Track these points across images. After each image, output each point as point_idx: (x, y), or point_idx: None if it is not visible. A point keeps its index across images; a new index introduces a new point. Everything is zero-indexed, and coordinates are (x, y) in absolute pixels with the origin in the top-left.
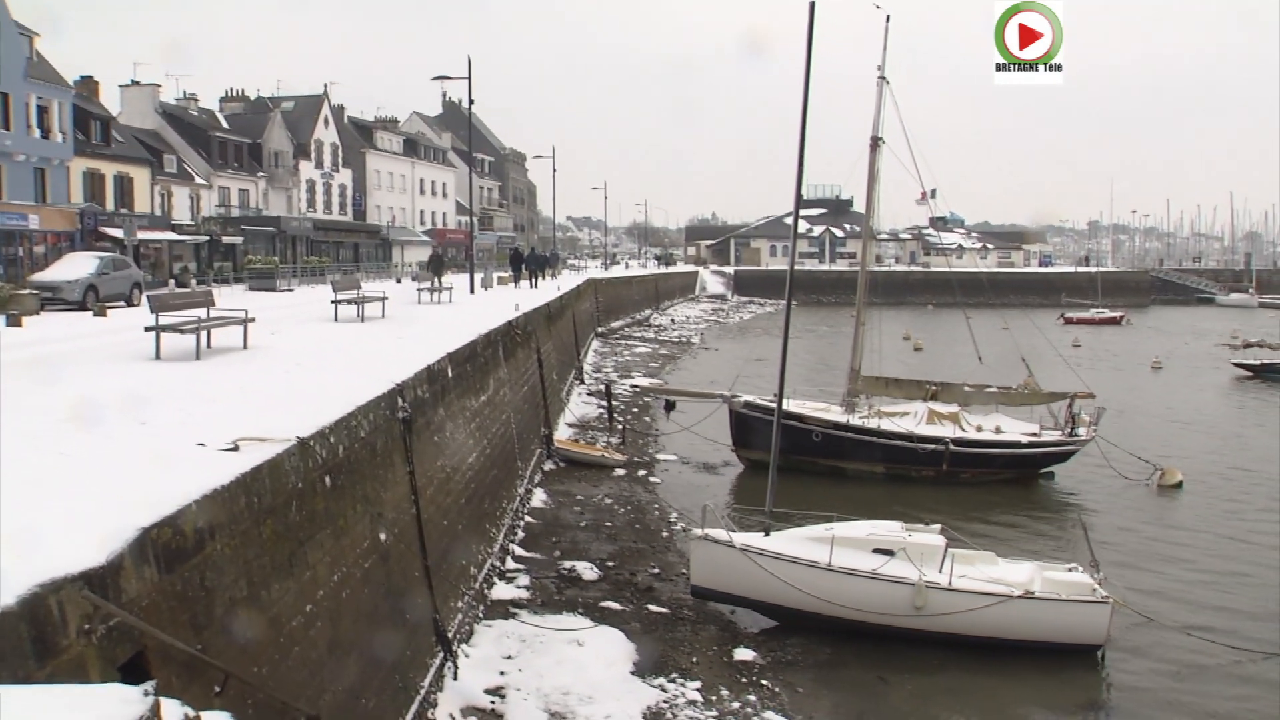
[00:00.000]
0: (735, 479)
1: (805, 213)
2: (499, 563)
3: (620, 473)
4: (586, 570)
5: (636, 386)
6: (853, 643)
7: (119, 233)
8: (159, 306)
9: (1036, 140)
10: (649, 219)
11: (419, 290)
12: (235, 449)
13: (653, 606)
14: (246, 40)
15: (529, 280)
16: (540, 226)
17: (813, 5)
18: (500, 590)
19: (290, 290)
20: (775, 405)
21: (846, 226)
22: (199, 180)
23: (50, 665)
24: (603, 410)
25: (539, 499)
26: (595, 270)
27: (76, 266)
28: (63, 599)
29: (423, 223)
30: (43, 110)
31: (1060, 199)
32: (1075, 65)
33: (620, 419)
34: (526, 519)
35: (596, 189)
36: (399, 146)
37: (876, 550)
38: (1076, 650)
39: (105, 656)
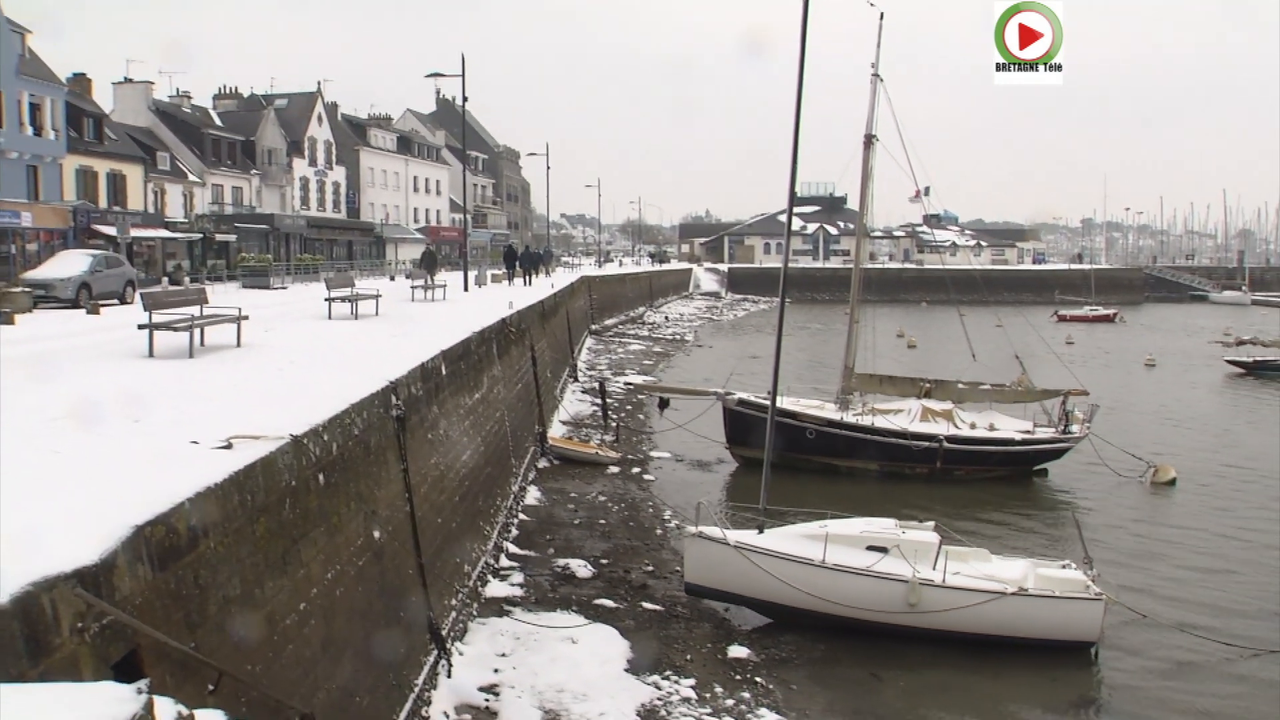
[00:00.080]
0: (729, 476)
1: (799, 210)
2: (493, 560)
3: (614, 470)
4: (581, 568)
5: (630, 384)
6: (847, 640)
7: (112, 230)
8: (152, 304)
9: (1030, 138)
10: (643, 216)
11: (413, 288)
12: (229, 447)
13: (647, 604)
14: (240, 38)
15: (523, 278)
16: (534, 224)
17: (806, 2)
18: (494, 588)
19: (284, 288)
20: (769, 403)
21: (841, 224)
22: (192, 178)
23: (43, 664)
24: (597, 408)
25: (533, 496)
26: (589, 268)
27: (69, 264)
28: (56, 597)
29: (416, 220)
30: (35, 107)
31: (1054, 196)
32: (1070, 63)
33: (614, 416)
34: (521, 516)
35: (591, 187)
36: (393, 144)
37: (870, 547)
38: (1070, 647)
39: (98, 655)
